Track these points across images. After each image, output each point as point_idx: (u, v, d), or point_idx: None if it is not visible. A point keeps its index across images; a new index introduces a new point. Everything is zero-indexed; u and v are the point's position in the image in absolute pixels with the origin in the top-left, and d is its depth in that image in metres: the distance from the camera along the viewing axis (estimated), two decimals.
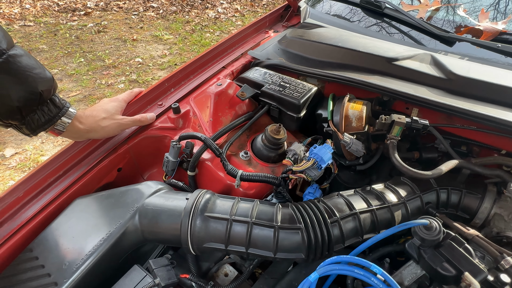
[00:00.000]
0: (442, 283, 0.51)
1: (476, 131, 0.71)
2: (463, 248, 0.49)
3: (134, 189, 0.62)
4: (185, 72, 0.89)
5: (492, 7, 1.00)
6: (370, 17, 1.06)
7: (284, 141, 0.75)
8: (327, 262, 0.46)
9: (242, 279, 0.59)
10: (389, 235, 0.51)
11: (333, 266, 0.45)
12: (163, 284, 0.50)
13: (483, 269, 0.45)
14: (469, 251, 0.49)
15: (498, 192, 0.63)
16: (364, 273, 0.44)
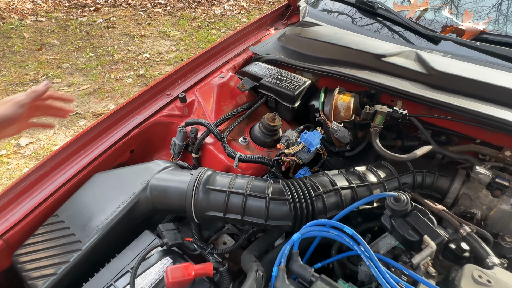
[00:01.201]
0: (411, 249, 0.59)
1: (452, 122, 0.78)
2: (426, 218, 0.57)
3: (146, 166, 0.71)
4: (191, 66, 0.98)
5: (494, 8, 1.06)
6: (364, 17, 1.13)
7: (279, 128, 0.83)
8: (308, 225, 0.54)
9: (237, 244, 0.67)
10: (364, 203, 0.59)
11: (313, 227, 0.53)
12: (170, 243, 0.59)
13: (440, 233, 0.53)
14: (432, 220, 0.57)
15: (467, 175, 0.70)
16: (338, 233, 0.52)
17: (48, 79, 2.92)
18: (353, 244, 0.51)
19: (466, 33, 0.91)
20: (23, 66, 3.17)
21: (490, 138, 0.76)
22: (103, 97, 2.85)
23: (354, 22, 1.14)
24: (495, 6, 1.01)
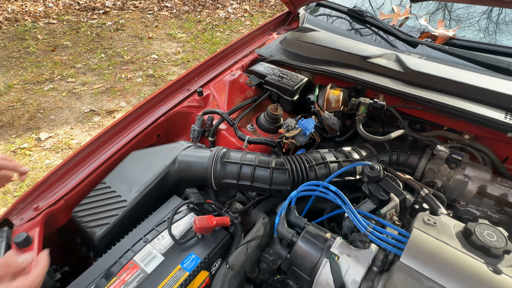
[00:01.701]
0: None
1: (424, 112, 0.95)
2: (395, 182, 0.74)
3: (173, 145, 0.88)
4: (206, 65, 1.15)
5: (485, 14, 1.23)
6: (355, 23, 1.31)
7: (281, 117, 1.00)
8: (303, 185, 0.71)
9: (246, 207, 0.84)
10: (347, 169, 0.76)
11: (307, 187, 0.70)
12: (195, 202, 0.76)
13: (403, 192, 0.70)
14: (398, 184, 0.73)
15: (432, 154, 0.87)
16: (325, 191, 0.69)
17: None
18: (336, 198, 0.68)
19: (438, 38, 1.08)
20: (38, 66, 3.35)
21: (454, 125, 0.93)
22: (115, 95, 3.02)
23: (346, 28, 1.31)
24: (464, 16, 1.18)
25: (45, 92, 2.97)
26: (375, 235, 0.61)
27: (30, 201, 0.77)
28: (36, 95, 2.93)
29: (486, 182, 0.80)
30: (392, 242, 0.60)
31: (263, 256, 0.75)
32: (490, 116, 0.80)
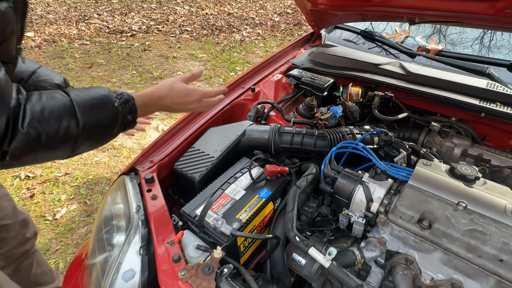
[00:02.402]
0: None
1: (421, 102, 1.29)
2: (402, 144, 1.06)
3: (240, 123, 1.22)
4: (254, 71, 1.51)
5: (477, 41, 1.60)
6: (366, 41, 1.68)
7: (315, 106, 1.35)
8: (339, 145, 1.03)
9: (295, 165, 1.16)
10: (368, 134, 1.09)
11: (343, 144, 1.03)
12: (263, 157, 1.08)
13: (408, 148, 1.03)
14: (404, 145, 1.06)
15: (428, 130, 1.20)
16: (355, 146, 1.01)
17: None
18: (364, 150, 1.01)
19: (431, 51, 1.44)
20: (79, 81, 3.77)
21: (444, 111, 1.27)
22: None
23: (359, 44, 1.68)
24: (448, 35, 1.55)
25: None
26: (392, 171, 0.93)
27: (146, 157, 1.10)
28: None
29: (467, 146, 1.12)
30: (402, 175, 0.92)
31: (303, 209, 1.06)
32: (468, 101, 1.14)
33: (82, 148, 0.71)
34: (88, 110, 0.68)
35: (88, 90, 0.72)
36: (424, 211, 0.82)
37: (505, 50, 1.51)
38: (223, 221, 0.88)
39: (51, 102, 0.64)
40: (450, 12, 1.13)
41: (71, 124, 0.65)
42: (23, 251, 1.19)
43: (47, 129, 0.62)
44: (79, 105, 0.66)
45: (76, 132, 0.66)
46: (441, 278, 0.84)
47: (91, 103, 0.69)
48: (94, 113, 0.69)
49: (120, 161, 2.61)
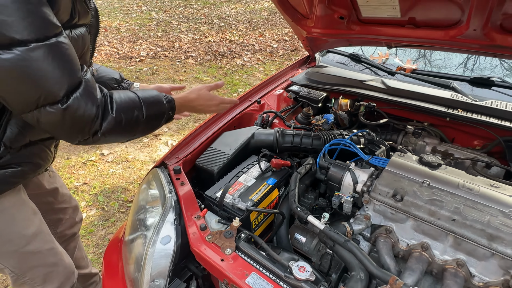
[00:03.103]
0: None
1: (399, 110, 1.55)
2: (382, 141, 1.31)
3: (250, 127, 1.47)
4: (259, 87, 1.79)
5: (443, 60, 1.90)
6: (354, 62, 1.98)
7: (311, 115, 1.61)
8: (330, 142, 1.28)
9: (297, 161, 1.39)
10: (355, 134, 1.33)
11: (335, 141, 1.27)
12: (268, 154, 1.32)
13: (387, 144, 1.27)
14: (384, 143, 1.30)
15: (405, 132, 1.45)
16: (344, 142, 1.26)
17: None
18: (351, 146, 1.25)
19: (407, 70, 1.73)
20: None
21: (417, 118, 1.53)
22: None
23: (348, 65, 1.98)
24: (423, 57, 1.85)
25: None
26: (373, 161, 1.17)
27: (173, 154, 1.34)
28: None
29: (436, 144, 1.37)
30: (381, 163, 1.16)
31: (302, 200, 1.28)
32: (436, 109, 1.40)
33: (140, 134, 0.96)
34: (149, 105, 0.92)
35: (146, 91, 0.97)
36: (397, 188, 1.05)
37: (467, 68, 1.81)
38: (240, 199, 1.11)
39: (126, 98, 0.88)
40: (417, 39, 1.42)
41: (139, 115, 0.89)
42: (72, 233, 1.39)
43: (126, 117, 0.86)
44: (144, 101, 0.91)
45: (142, 120, 0.90)
46: (414, 243, 1.05)
47: (151, 100, 0.94)
48: (152, 108, 0.94)
49: (134, 172, 2.83)
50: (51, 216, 1.27)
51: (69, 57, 0.76)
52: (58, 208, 1.29)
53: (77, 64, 0.78)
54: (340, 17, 1.50)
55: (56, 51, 0.72)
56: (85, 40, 0.95)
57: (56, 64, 0.72)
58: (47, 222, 1.14)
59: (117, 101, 0.85)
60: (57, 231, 1.31)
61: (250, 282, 0.86)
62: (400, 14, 1.33)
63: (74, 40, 0.88)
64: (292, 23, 1.72)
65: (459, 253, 0.97)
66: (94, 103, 0.80)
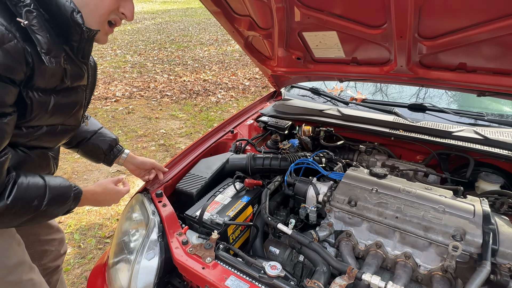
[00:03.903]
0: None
1: (353, 133, 1.80)
2: (339, 159, 1.52)
3: (225, 154, 1.64)
4: (232, 119, 1.99)
5: (414, 96, 2.22)
6: (314, 95, 2.26)
7: (279, 141, 1.81)
8: (296, 161, 1.47)
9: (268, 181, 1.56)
10: (316, 154, 1.53)
11: (299, 161, 1.46)
12: (242, 176, 1.48)
13: (342, 161, 1.48)
14: (340, 160, 1.52)
15: (359, 151, 1.69)
16: (307, 162, 1.45)
17: None
18: (314, 164, 1.44)
19: (358, 99, 2.02)
20: None
21: (369, 139, 1.78)
22: None
23: (309, 97, 2.25)
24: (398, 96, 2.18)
25: (76, 159, 3.63)
26: (332, 175, 1.37)
27: (156, 180, 1.46)
28: (70, 162, 3.58)
29: (385, 160, 1.61)
30: (339, 176, 1.36)
31: (275, 217, 1.44)
32: (382, 130, 1.66)
33: (27, 222, 0.90)
34: (54, 193, 0.92)
35: (57, 178, 0.97)
36: (351, 195, 1.24)
37: (405, 96, 2.15)
38: (217, 215, 1.24)
39: (32, 184, 0.87)
40: (360, 73, 1.71)
41: (39, 204, 0.88)
42: (56, 265, 1.40)
43: (21, 204, 0.83)
44: (50, 189, 0.91)
45: (38, 209, 0.88)
46: (370, 243, 1.22)
47: (59, 188, 0.94)
48: (57, 196, 0.93)
49: (111, 208, 2.83)
50: (37, 247, 1.30)
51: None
52: (44, 239, 1.33)
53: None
54: (297, 58, 1.78)
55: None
56: (78, 100, 1.02)
57: None
58: (32, 254, 1.18)
59: (19, 188, 0.84)
60: (42, 263, 1.34)
61: (229, 284, 0.98)
62: (345, 55, 1.63)
63: (62, 105, 0.94)
64: (258, 64, 1.99)
65: (406, 247, 1.15)
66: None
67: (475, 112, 1.74)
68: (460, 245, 0.98)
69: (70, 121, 1.04)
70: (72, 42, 0.90)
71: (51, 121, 0.96)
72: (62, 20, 0.84)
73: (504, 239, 0.99)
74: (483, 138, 1.51)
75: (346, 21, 1.35)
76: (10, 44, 0.75)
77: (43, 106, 0.90)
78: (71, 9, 0.83)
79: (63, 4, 0.82)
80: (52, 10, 0.83)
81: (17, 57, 0.77)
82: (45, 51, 0.81)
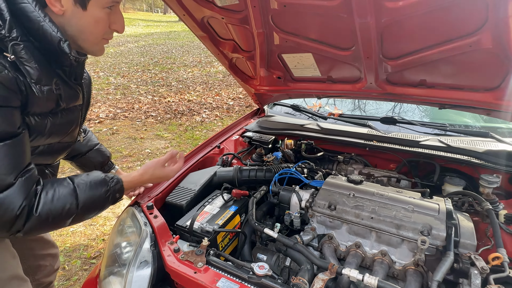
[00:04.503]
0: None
1: (331, 145, 1.94)
2: (319, 169, 1.64)
3: (213, 167, 1.72)
4: (219, 135, 2.10)
5: (390, 111, 2.40)
6: (296, 111, 2.41)
7: (263, 155, 1.92)
8: (280, 171, 1.57)
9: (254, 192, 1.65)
10: (298, 164, 1.65)
11: (282, 171, 1.56)
12: (229, 187, 1.56)
13: (323, 170, 1.60)
14: (321, 169, 1.63)
15: (338, 162, 1.82)
16: (290, 171, 1.55)
17: None
18: (297, 174, 1.55)
19: (335, 114, 2.19)
20: None
21: (347, 150, 1.92)
22: None
23: (291, 114, 2.40)
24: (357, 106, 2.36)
25: None
26: (313, 183, 1.48)
27: (145, 194, 1.52)
28: None
29: (361, 168, 1.74)
30: (319, 184, 1.47)
31: (260, 224, 1.52)
32: (357, 141, 1.80)
33: (77, 221, 0.95)
34: (86, 193, 0.94)
35: (89, 175, 1.00)
36: (331, 200, 1.34)
37: (382, 111, 2.34)
38: (207, 224, 1.31)
39: (59, 191, 0.88)
40: (336, 91, 1.87)
41: (72, 207, 0.90)
42: (49, 281, 1.40)
43: (54, 212, 0.85)
44: (80, 190, 0.93)
45: (75, 211, 0.91)
46: (350, 244, 1.32)
47: (90, 187, 0.96)
48: (91, 194, 0.95)
49: (97, 228, 2.80)
50: (32, 262, 1.32)
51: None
52: (39, 254, 1.35)
53: (14, 165, 0.81)
54: (278, 77, 1.93)
55: None
56: (74, 119, 1.07)
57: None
58: (26, 269, 1.20)
59: (45, 200, 0.86)
60: (35, 278, 1.34)
61: (220, 285, 1.04)
62: (321, 74, 1.79)
63: (58, 126, 0.99)
64: (242, 83, 2.12)
65: (382, 245, 1.26)
66: (16, 205, 0.79)
67: (439, 123, 1.93)
68: (427, 239, 1.09)
69: (67, 139, 1.10)
70: (64, 67, 0.95)
71: (48, 141, 1.02)
72: (50, 48, 0.87)
73: (465, 232, 1.12)
74: (446, 146, 1.67)
75: (320, 44, 1.52)
76: (2, 74, 0.78)
77: (40, 129, 0.94)
78: (58, 38, 0.85)
79: (50, 33, 0.84)
80: (40, 38, 0.84)
81: (10, 85, 0.80)
82: (34, 80, 0.83)
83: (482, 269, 0.99)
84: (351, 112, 2.38)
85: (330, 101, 2.45)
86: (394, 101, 1.86)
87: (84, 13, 0.88)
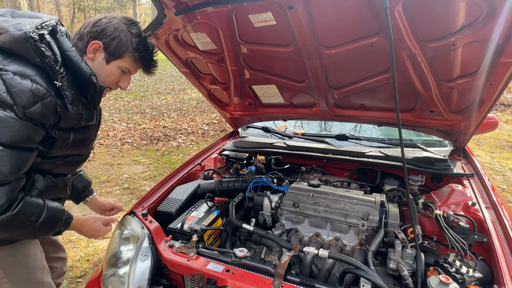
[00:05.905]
0: None
1: (296, 159, 2.31)
2: (286, 177, 1.99)
3: (197, 181, 2.01)
4: (200, 153, 2.40)
5: (353, 130, 2.82)
6: (266, 132, 2.79)
7: (239, 169, 2.24)
8: (254, 180, 1.89)
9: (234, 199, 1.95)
10: (269, 174, 1.98)
11: (256, 180, 1.88)
12: (212, 196, 1.85)
13: (290, 179, 1.95)
14: (288, 178, 1.99)
15: (301, 172, 2.19)
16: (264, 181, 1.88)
17: None
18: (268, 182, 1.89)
19: (299, 134, 2.59)
20: None
21: (308, 162, 2.30)
22: None
23: (262, 134, 2.78)
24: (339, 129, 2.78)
25: None
26: (281, 188, 1.82)
27: (139, 204, 1.77)
28: None
29: (320, 177, 2.12)
30: (286, 189, 1.81)
31: (240, 231, 1.82)
32: (316, 155, 2.20)
33: (30, 234, 1.17)
34: (48, 216, 1.13)
35: (55, 203, 1.19)
36: (295, 200, 1.69)
37: (343, 130, 2.78)
38: (195, 224, 1.59)
39: (34, 203, 1.10)
40: (297, 114, 2.28)
41: (35, 219, 1.09)
42: (58, 283, 1.56)
43: (24, 216, 1.05)
44: (46, 211, 1.13)
45: (34, 225, 1.10)
46: (311, 234, 1.65)
47: (52, 213, 1.15)
48: (49, 219, 1.14)
49: (80, 250, 2.90)
50: (46, 263, 1.50)
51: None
52: (52, 257, 1.53)
53: (17, 170, 1.03)
54: (249, 103, 2.31)
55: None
56: (89, 135, 1.36)
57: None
58: None
59: (24, 204, 1.06)
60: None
61: (209, 267, 1.32)
62: (284, 100, 2.20)
63: (78, 140, 1.26)
64: (219, 109, 2.48)
65: (335, 233, 1.60)
66: (2, 199, 1.00)
67: (380, 138, 2.39)
68: (366, 223, 1.46)
69: (83, 152, 1.37)
70: (88, 95, 1.28)
71: (69, 152, 1.29)
72: (82, 80, 1.21)
73: (392, 215, 1.51)
74: (385, 155, 2.11)
75: (281, 78, 1.93)
76: (48, 99, 1.10)
77: (64, 140, 1.24)
78: (89, 73, 1.20)
79: (85, 70, 1.19)
80: (76, 74, 1.19)
81: (51, 108, 1.12)
82: (70, 101, 1.17)
83: (402, 239, 1.36)
84: (318, 131, 2.80)
85: (298, 123, 2.88)
86: (343, 121, 2.30)
87: (106, 66, 1.23)
